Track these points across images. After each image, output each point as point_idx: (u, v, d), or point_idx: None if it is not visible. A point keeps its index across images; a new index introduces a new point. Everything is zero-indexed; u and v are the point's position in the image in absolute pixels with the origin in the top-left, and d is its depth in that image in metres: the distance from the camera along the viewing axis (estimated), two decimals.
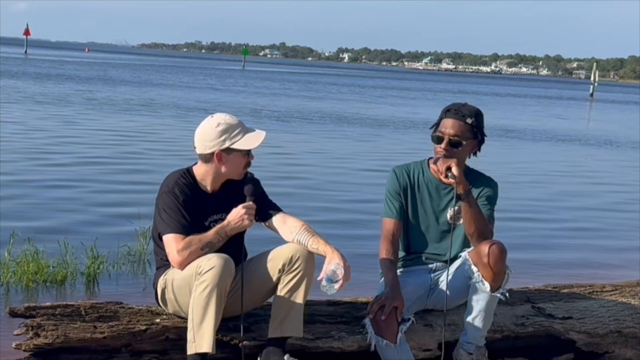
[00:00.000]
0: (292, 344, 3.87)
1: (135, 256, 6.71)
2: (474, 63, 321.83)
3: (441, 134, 4.05)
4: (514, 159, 17.35)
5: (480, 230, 3.98)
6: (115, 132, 16.92)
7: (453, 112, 4.06)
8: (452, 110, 4.07)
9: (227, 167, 3.85)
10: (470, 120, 4.04)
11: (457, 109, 4.07)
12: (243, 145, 3.81)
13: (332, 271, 3.65)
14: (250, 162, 3.90)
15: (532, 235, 9.11)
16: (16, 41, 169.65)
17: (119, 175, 11.24)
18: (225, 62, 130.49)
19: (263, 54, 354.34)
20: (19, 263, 6.00)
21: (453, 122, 4.04)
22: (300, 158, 14.84)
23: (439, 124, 4.10)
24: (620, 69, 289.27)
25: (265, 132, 3.89)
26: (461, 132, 4.03)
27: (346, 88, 53.31)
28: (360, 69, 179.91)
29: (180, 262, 3.71)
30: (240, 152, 3.82)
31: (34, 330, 3.62)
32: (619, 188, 14.00)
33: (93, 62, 72.13)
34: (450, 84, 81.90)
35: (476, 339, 4.02)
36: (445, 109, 4.12)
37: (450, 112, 4.07)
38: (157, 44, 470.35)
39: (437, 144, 4.07)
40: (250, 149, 3.84)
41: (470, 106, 4.13)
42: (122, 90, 33.10)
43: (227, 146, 3.80)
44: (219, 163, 3.83)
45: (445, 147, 4.03)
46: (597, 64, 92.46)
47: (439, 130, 4.07)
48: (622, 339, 4.55)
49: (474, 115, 4.06)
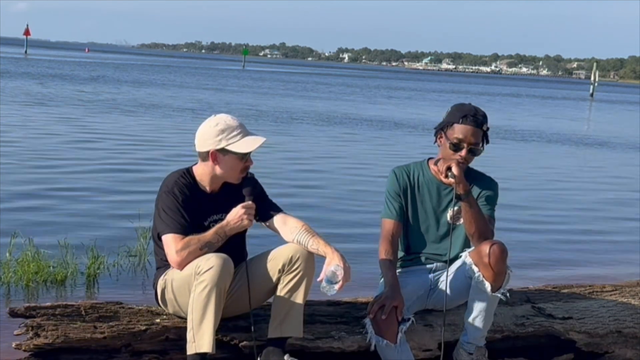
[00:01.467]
0: (292, 344, 3.88)
1: (135, 256, 6.71)
2: (474, 63, 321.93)
3: (459, 142, 4.01)
4: (512, 159, 17.34)
5: (481, 230, 3.99)
6: (115, 132, 16.93)
7: (471, 120, 3.99)
8: (469, 117, 4.00)
9: (223, 169, 3.83)
10: (486, 127, 4.04)
11: (473, 115, 4.01)
12: (238, 148, 3.79)
13: (332, 272, 3.66)
14: (248, 166, 3.87)
15: (533, 235, 9.11)
16: (16, 41, 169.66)
17: (119, 174, 11.24)
18: (225, 62, 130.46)
19: (263, 54, 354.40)
20: (20, 263, 6.00)
21: (473, 129, 3.99)
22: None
23: (449, 128, 4.03)
24: (620, 69, 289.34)
25: (264, 138, 3.85)
26: (479, 140, 4.04)
27: (356, 89, 53.27)
28: (360, 69, 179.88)
29: (179, 262, 3.72)
30: (236, 154, 3.81)
31: (34, 331, 3.63)
32: (619, 188, 14.00)
33: (93, 62, 72.10)
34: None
35: (476, 339, 4.02)
36: (459, 114, 4.02)
37: (467, 119, 3.99)
38: (157, 44, 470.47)
39: (456, 151, 4.03)
40: (245, 152, 3.81)
41: (480, 110, 4.08)
42: (119, 90, 33.08)
43: (222, 146, 3.79)
44: (214, 163, 3.82)
45: (465, 156, 4.02)
46: (597, 64, 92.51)
47: (456, 136, 4.01)
48: (622, 339, 4.55)
49: (486, 121, 4.06)
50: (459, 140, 4.01)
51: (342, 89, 51.09)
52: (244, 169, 3.87)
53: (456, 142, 4.02)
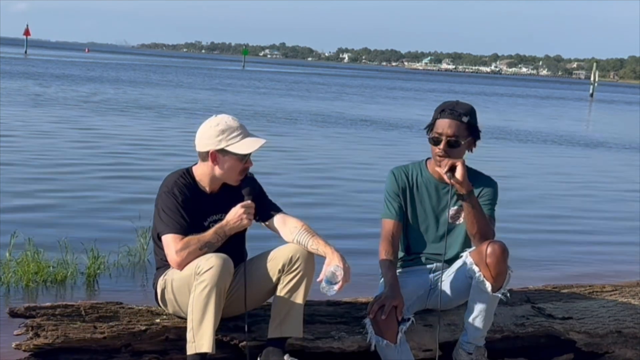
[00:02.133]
0: (292, 344, 3.88)
1: (135, 256, 6.70)
2: (474, 63, 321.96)
3: (438, 135, 4.02)
4: (512, 160, 17.34)
5: (482, 230, 3.98)
6: (115, 132, 16.93)
7: (448, 112, 4.01)
8: (446, 110, 4.02)
9: (222, 170, 3.83)
10: (466, 119, 4.01)
11: (451, 108, 4.03)
12: (238, 149, 3.79)
13: (331, 273, 3.65)
14: (247, 168, 3.87)
15: (533, 235, 9.11)
16: (16, 41, 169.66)
17: (119, 174, 11.24)
18: (225, 62, 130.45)
19: (263, 54, 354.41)
20: (20, 263, 6.00)
21: (450, 122, 4.00)
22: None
23: (434, 125, 4.06)
24: (620, 69, 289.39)
25: (265, 140, 3.85)
26: (458, 132, 4.00)
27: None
28: (360, 69, 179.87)
29: (178, 262, 3.72)
30: (236, 155, 3.81)
31: (34, 331, 3.63)
32: (619, 188, 14.00)
33: (94, 63, 72.07)
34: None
35: (476, 339, 4.02)
36: (439, 109, 4.06)
37: (445, 112, 4.02)
38: (157, 44, 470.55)
39: (435, 146, 4.03)
40: (245, 153, 3.81)
41: (464, 103, 4.09)
42: (119, 91, 33.07)
43: (222, 147, 3.79)
44: (214, 163, 3.82)
45: (443, 148, 4.01)
46: (597, 64, 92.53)
47: (435, 131, 4.03)
48: (622, 339, 4.55)
49: (468, 113, 4.03)
50: (438, 134, 4.02)
51: (342, 89, 51.07)
52: (243, 171, 3.87)
53: (435, 137, 4.02)
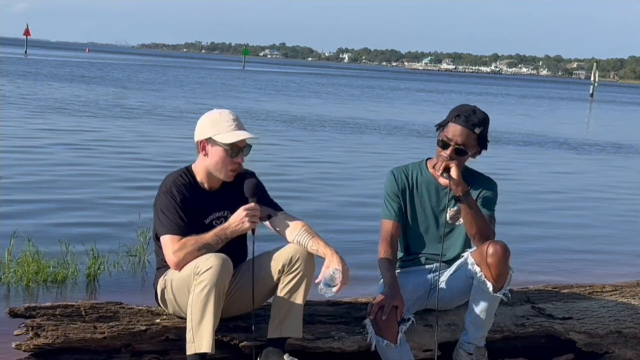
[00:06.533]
0: (292, 344, 3.87)
1: (136, 256, 6.71)
2: (474, 63, 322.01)
3: (447, 140, 4.00)
4: (511, 159, 17.34)
5: (481, 231, 3.98)
6: (116, 132, 16.93)
7: (463, 119, 3.98)
8: (462, 117, 3.99)
9: (211, 161, 3.80)
10: (479, 130, 3.99)
11: (467, 116, 3.99)
12: (223, 138, 3.77)
13: (330, 275, 3.65)
14: (238, 163, 3.83)
15: (533, 235, 9.11)
16: (16, 41, 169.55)
17: (119, 175, 11.24)
18: (225, 63, 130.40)
19: (263, 54, 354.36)
20: (20, 263, 6.00)
21: (462, 130, 3.98)
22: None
23: (445, 126, 4.04)
24: (620, 69, 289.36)
25: (252, 135, 3.80)
26: (468, 142, 3.99)
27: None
28: (360, 69, 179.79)
29: (175, 262, 3.71)
30: (222, 146, 3.78)
31: (34, 331, 3.63)
32: (620, 188, 14.00)
33: (95, 63, 72.06)
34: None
35: (476, 339, 4.02)
36: (454, 113, 4.03)
37: (459, 118, 3.99)
38: (157, 44, 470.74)
39: (443, 149, 4.02)
40: (229, 142, 3.76)
41: (480, 113, 4.04)
42: (120, 90, 33.08)
43: (209, 135, 3.79)
44: (203, 154, 3.82)
45: (450, 154, 4.00)
46: (597, 64, 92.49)
47: (446, 135, 4.01)
48: (622, 339, 4.55)
49: (482, 124, 4.01)
50: (447, 139, 4.01)
51: (342, 89, 51.03)
52: (234, 166, 3.84)
53: (445, 140, 4.02)
